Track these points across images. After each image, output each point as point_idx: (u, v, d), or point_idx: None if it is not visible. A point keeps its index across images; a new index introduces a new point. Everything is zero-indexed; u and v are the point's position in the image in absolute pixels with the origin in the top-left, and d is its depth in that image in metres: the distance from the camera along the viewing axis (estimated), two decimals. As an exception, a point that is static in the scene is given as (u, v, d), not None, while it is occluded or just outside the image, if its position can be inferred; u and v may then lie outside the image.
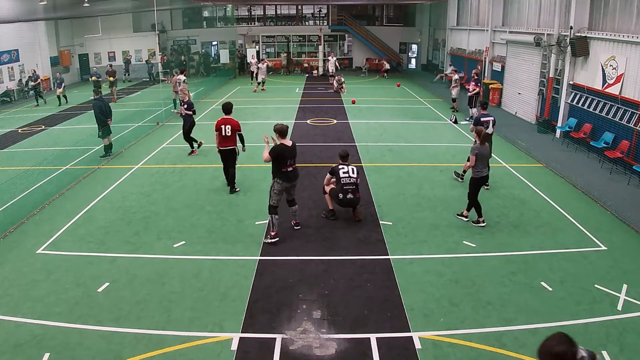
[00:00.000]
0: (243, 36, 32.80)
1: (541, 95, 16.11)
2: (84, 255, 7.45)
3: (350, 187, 8.27)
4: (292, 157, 7.69)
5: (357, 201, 8.46)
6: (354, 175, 8.27)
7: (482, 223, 8.43)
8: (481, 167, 8.33)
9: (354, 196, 8.32)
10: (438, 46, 30.40)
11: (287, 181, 7.74)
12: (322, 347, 5.39)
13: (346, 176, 8.24)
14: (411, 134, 15.10)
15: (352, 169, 8.36)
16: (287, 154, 7.60)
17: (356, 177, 8.31)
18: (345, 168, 8.32)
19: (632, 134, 11.27)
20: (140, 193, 10.16)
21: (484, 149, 8.35)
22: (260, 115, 18.01)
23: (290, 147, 7.69)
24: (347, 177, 8.24)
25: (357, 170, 8.43)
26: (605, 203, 9.45)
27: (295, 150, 7.78)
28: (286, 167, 7.62)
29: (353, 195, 8.31)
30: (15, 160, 12.81)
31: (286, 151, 7.59)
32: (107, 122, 12.62)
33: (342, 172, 8.27)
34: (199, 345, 5.42)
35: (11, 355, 5.23)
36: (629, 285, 6.54)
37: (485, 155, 8.40)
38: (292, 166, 7.70)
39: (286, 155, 7.58)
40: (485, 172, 8.43)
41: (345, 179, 8.24)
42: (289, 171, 7.68)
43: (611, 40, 12.24)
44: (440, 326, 5.74)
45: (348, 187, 8.26)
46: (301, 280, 6.74)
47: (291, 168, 7.69)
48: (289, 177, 7.73)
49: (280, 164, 7.61)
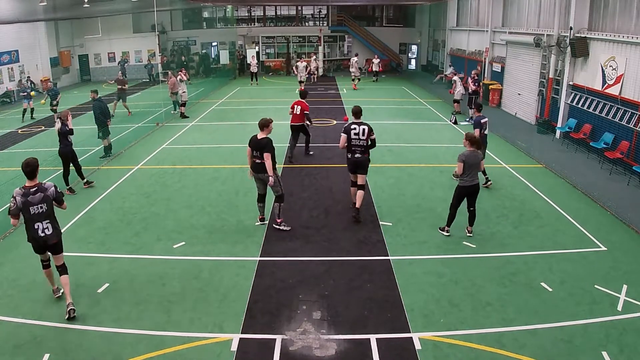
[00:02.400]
0: (243, 37, 32.81)
1: (541, 96, 16.12)
2: (84, 256, 7.45)
3: (358, 148, 8.41)
4: (256, 149, 7.94)
5: (363, 161, 8.47)
6: (363, 138, 8.35)
7: (446, 232, 8.05)
8: (468, 176, 7.65)
9: (361, 155, 8.42)
10: (438, 47, 30.41)
11: (252, 169, 8.18)
12: (322, 347, 5.39)
13: (356, 138, 8.37)
14: (411, 135, 15.10)
15: (363, 129, 8.35)
16: (253, 145, 7.99)
17: (365, 139, 8.36)
18: (356, 129, 8.36)
19: (632, 134, 11.27)
20: (140, 194, 10.17)
21: (472, 156, 7.61)
22: (260, 116, 17.94)
23: (257, 139, 7.94)
24: (357, 139, 8.37)
25: (368, 131, 8.37)
26: (605, 204, 9.45)
27: (260, 143, 7.88)
28: (253, 157, 8.03)
29: (361, 155, 8.42)
30: (15, 160, 12.77)
31: (253, 142, 8.00)
32: (107, 122, 12.66)
33: (353, 134, 8.37)
34: (199, 345, 5.42)
35: (11, 356, 5.23)
36: (629, 286, 6.54)
37: (475, 163, 7.64)
38: (259, 159, 7.93)
39: (252, 146, 8.00)
40: (474, 182, 7.71)
41: (354, 141, 8.39)
42: (255, 162, 8.03)
43: (611, 41, 12.24)
44: (440, 327, 5.74)
45: (356, 148, 8.42)
46: (301, 281, 6.74)
47: (258, 160, 7.96)
48: (252, 167, 8.16)
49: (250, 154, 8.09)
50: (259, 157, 7.91)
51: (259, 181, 8.24)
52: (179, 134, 15.42)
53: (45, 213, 5.81)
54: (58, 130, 10.11)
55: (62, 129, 10.05)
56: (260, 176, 8.08)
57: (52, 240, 5.91)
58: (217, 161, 12.50)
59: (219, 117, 18.18)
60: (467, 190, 7.79)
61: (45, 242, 5.88)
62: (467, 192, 7.81)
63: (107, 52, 30.64)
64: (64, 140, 10.10)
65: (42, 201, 5.76)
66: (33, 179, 5.81)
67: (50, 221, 5.88)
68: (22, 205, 5.69)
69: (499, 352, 5.29)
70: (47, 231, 5.85)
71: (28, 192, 5.73)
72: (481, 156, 7.85)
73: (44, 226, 5.82)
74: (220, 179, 10.99)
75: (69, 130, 10.08)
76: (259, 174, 8.08)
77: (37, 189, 5.77)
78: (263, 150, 7.81)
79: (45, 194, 5.79)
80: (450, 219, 8.05)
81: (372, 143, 8.50)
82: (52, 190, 5.88)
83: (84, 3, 23.14)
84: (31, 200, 5.71)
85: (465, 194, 7.84)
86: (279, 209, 8.25)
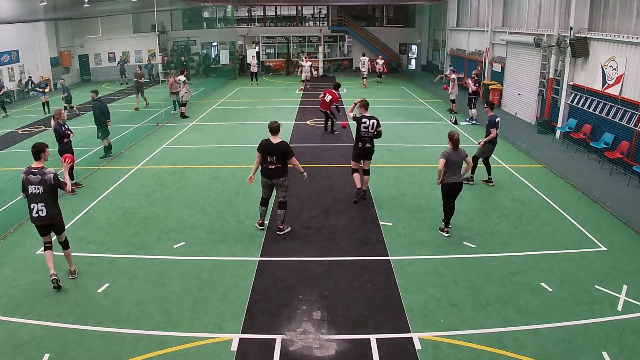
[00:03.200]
0: (243, 37, 32.80)
1: (541, 96, 16.12)
2: (84, 256, 7.45)
3: (367, 138, 9.21)
4: (272, 154, 7.74)
5: (370, 150, 9.31)
6: (372, 130, 9.15)
7: (445, 233, 8.06)
8: (450, 174, 7.77)
9: (370, 145, 9.25)
10: (438, 47, 30.41)
11: (263, 175, 7.95)
12: (322, 347, 5.39)
13: (365, 130, 9.15)
14: (411, 135, 15.11)
15: (372, 123, 9.12)
16: (267, 150, 7.75)
17: (373, 131, 9.17)
18: (366, 122, 9.13)
19: (632, 134, 11.27)
20: (140, 194, 10.17)
21: (453, 154, 7.74)
22: (260, 116, 18.01)
23: (272, 144, 7.75)
24: (366, 132, 9.15)
25: (376, 124, 9.15)
26: (605, 204, 9.45)
27: (279, 148, 7.73)
28: (266, 163, 7.79)
29: (369, 145, 9.24)
30: (15, 160, 12.80)
31: (267, 147, 7.75)
32: (107, 123, 12.67)
33: (363, 127, 9.16)
34: (198, 346, 5.42)
35: (11, 356, 5.23)
36: (629, 286, 6.54)
37: (457, 161, 7.77)
38: (274, 164, 7.75)
39: (266, 151, 7.76)
40: (457, 180, 7.83)
41: (364, 132, 9.16)
42: (267, 168, 7.82)
43: (611, 41, 12.24)
44: (440, 327, 5.73)
45: (365, 138, 9.21)
46: (301, 281, 6.74)
47: (272, 166, 7.77)
48: (263, 173, 7.93)
49: (262, 159, 7.84)
50: (274, 163, 7.73)
51: (268, 187, 8.03)
52: (179, 134, 15.42)
53: (41, 195, 6.28)
54: (54, 129, 10.12)
55: (57, 127, 10.05)
56: (274, 182, 7.88)
57: (44, 221, 6.40)
58: (217, 161, 12.50)
59: (219, 117, 18.18)
60: (451, 188, 7.88)
61: (38, 221, 6.40)
62: (452, 189, 7.90)
63: (107, 52, 30.64)
64: (61, 140, 10.10)
65: (39, 183, 6.25)
66: (38, 160, 6.41)
67: (46, 205, 6.33)
68: (23, 182, 6.30)
69: (499, 352, 5.29)
70: (40, 213, 6.34)
71: (29, 171, 6.31)
72: (464, 155, 7.86)
73: (38, 207, 6.31)
74: (220, 179, 10.99)
75: (65, 134, 10.09)
76: (272, 180, 7.86)
77: (38, 171, 6.29)
78: (286, 156, 7.73)
79: (43, 178, 6.27)
80: (446, 219, 8.12)
81: (378, 134, 9.24)
82: (51, 176, 6.30)
83: (84, 3, 23.14)
84: (30, 180, 6.27)
85: (450, 191, 7.92)
86: (283, 215, 8.15)
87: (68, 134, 10.17)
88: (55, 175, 6.32)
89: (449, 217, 8.10)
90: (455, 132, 7.86)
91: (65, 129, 10.13)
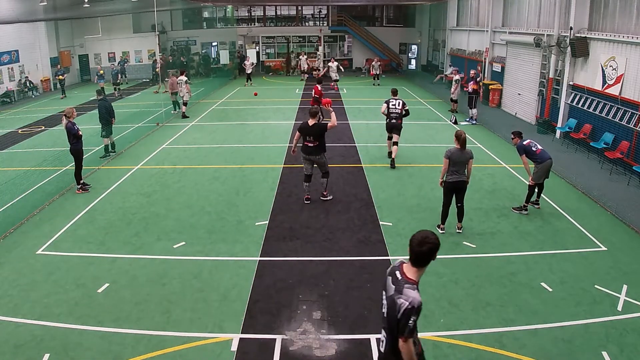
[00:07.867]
0: (243, 37, 32.80)
1: (541, 96, 16.12)
2: (84, 256, 7.46)
3: (395, 114, 11.57)
4: (309, 134, 9.01)
5: (398, 126, 11.61)
6: (399, 107, 11.58)
7: (441, 230, 8.08)
8: (453, 172, 7.76)
9: (396, 121, 11.56)
10: (438, 47, 30.40)
11: (304, 152, 9.23)
12: (322, 347, 5.39)
13: (393, 107, 11.59)
14: (411, 135, 15.08)
15: (399, 102, 11.63)
16: (304, 131, 9.08)
17: (400, 109, 11.56)
18: (393, 102, 11.63)
19: (632, 134, 11.27)
20: (140, 194, 10.17)
21: (457, 153, 7.70)
22: (260, 116, 18.03)
23: (309, 126, 9.03)
24: (394, 108, 11.59)
25: (402, 104, 11.61)
26: (606, 203, 9.45)
27: (313, 129, 8.99)
28: (306, 141, 9.11)
29: (395, 120, 11.56)
30: (16, 160, 12.81)
31: (305, 128, 9.07)
32: (111, 121, 12.77)
33: (391, 105, 11.61)
34: (198, 346, 5.42)
35: (11, 356, 5.23)
36: (629, 286, 6.54)
37: (460, 161, 7.72)
38: (312, 143, 9.04)
39: (303, 132, 9.10)
40: (460, 178, 7.79)
41: (392, 109, 11.60)
42: (307, 145, 9.11)
43: (611, 41, 12.24)
44: (440, 327, 5.74)
45: (393, 114, 11.58)
46: (301, 281, 6.74)
47: (311, 144, 9.05)
48: (304, 150, 9.21)
49: (303, 139, 9.17)
50: (312, 142, 9.03)
51: (308, 162, 9.24)
52: (179, 134, 15.42)
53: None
54: (67, 128, 10.10)
55: (70, 127, 10.04)
56: (312, 158, 9.16)
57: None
58: (217, 161, 12.50)
59: (219, 117, 18.18)
60: (453, 186, 7.91)
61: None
62: (454, 187, 7.92)
63: (107, 52, 30.63)
64: (73, 139, 10.10)
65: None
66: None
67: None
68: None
69: (499, 352, 5.29)
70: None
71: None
72: (469, 156, 7.83)
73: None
74: (220, 179, 10.99)
75: (78, 134, 10.11)
76: (310, 156, 9.16)
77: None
78: (321, 135, 9.02)
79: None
80: (443, 217, 8.17)
81: (406, 112, 11.64)
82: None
83: (84, 3, 23.15)
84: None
85: (452, 190, 7.95)
86: (326, 183, 9.53)
87: (80, 135, 10.20)
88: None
89: (445, 216, 8.14)
90: (462, 132, 7.87)
91: (77, 128, 10.16)
